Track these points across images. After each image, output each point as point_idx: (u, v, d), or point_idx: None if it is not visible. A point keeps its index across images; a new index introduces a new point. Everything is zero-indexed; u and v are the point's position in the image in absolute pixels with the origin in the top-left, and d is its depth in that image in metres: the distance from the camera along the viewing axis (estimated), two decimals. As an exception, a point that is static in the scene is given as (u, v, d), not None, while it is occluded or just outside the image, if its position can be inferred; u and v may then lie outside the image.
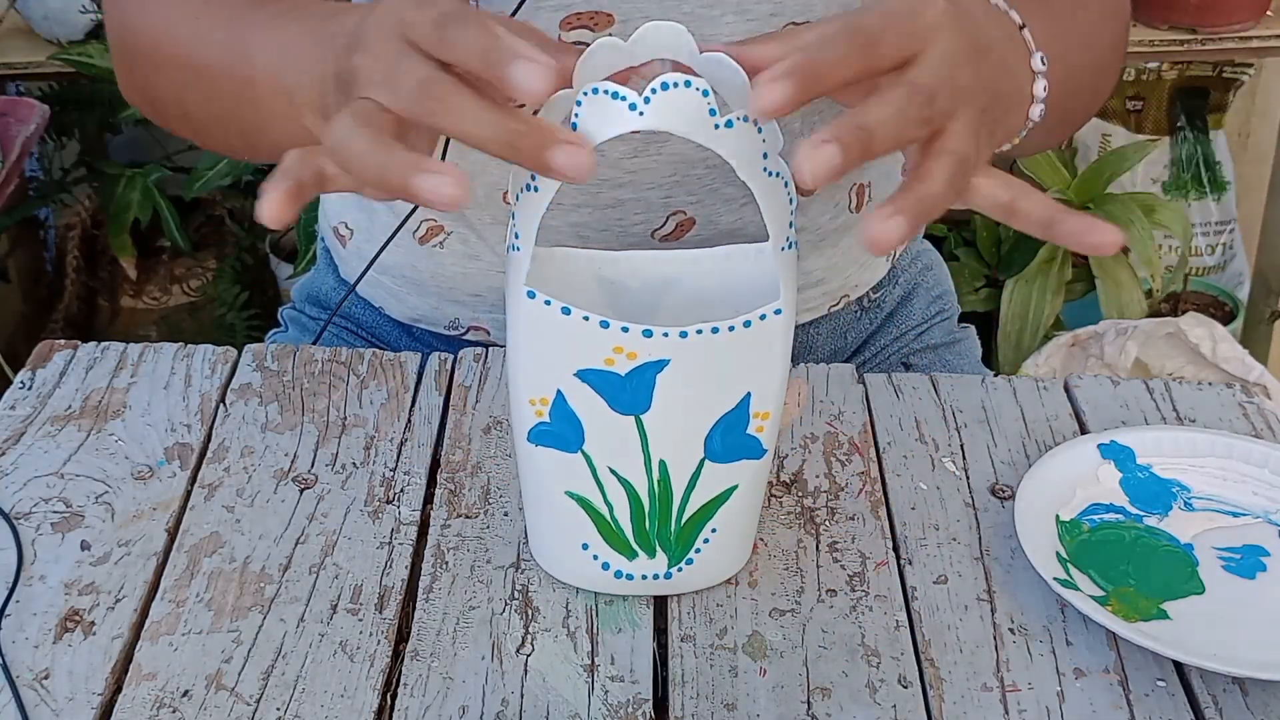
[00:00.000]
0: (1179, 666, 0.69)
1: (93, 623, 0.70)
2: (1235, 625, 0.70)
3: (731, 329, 0.65)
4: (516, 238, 0.65)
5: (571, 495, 0.69)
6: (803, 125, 0.87)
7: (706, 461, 0.68)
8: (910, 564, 0.75)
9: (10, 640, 0.69)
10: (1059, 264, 2.04)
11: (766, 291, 0.66)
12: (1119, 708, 0.67)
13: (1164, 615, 0.71)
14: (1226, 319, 2.15)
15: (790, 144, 0.61)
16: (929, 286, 1.08)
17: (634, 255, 0.73)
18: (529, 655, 0.69)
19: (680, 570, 0.71)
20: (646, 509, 0.69)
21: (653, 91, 0.60)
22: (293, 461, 0.81)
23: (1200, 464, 0.80)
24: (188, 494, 0.78)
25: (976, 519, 0.78)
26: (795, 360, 0.94)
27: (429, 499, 0.79)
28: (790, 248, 0.66)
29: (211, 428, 0.83)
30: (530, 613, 0.71)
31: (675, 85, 0.60)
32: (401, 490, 0.79)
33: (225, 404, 0.85)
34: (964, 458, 0.82)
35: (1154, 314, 2.06)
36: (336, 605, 0.71)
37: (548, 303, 0.64)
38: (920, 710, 0.67)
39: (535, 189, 0.64)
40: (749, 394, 0.67)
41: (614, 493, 0.69)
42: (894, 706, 0.67)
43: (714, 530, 0.70)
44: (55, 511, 0.77)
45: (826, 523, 0.77)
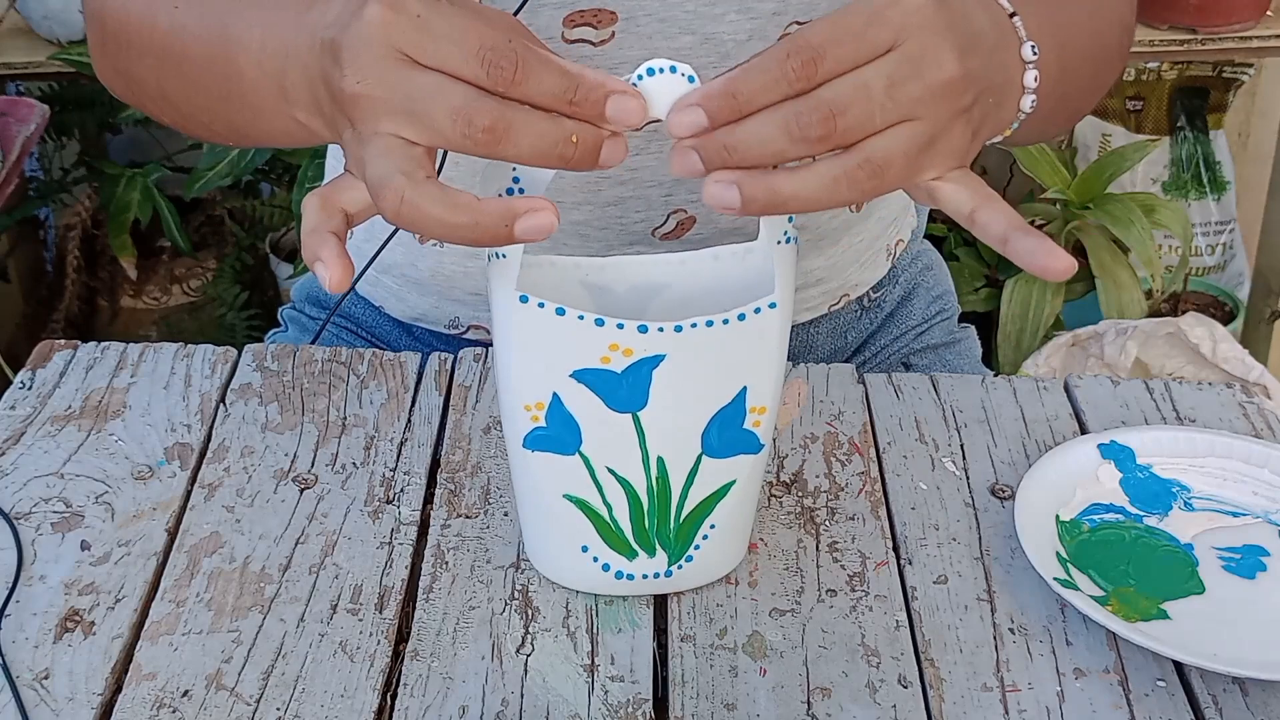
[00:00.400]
0: (1179, 666, 0.69)
1: (93, 623, 0.70)
2: (1235, 625, 0.70)
3: (726, 322, 0.65)
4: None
5: (570, 498, 0.69)
6: None
7: (704, 457, 0.68)
8: (910, 564, 0.75)
9: (10, 640, 0.69)
10: (1059, 264, 2.04)
11: (755, 291, 0.66)
12: (1119, 708, 0.67)
13: (1164, 615, 0.71)
14: (1226, 319, 2.15)
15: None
16: (929, 286, 1.08)
17: (620, 260, 0.72)
18: (529, 655, 0.69)
19: (680, 568, 0.71)
20: (645, 507, 0.69)
21: (639, 77, 0.60)
22: (293, 461, 0.81)
23: (1200, 464, 0.80)
24: (188, 494, 0.78)
25: (976, 519, 0.78)
26: (795, 359, 0.94)
27: (429, 499, 0.79)
28: (788, 241, 0.66)
29: (211, 428, 0.83)
30: (530, 613, 0.71)
31: (661, 71, 0.60)
32: (401, 490, 0.79)
33: (225, 404, 0.85)
34: (964, 457, 0.82)
35: (1154, 314, 2.06)
36: (336, 605, 0.71)
37: (541, 305, 0.64)
38: (920, 710, 0.67)
39: (520, 190, 0.63)
40: (745, 388, 0.67)
41: (613, 493, 0.69)
42: (894, 706, 0.67)
43: (713, 526, 0.70)
44: (55, 511, 0.77)
45: (826, 523, 0.77)
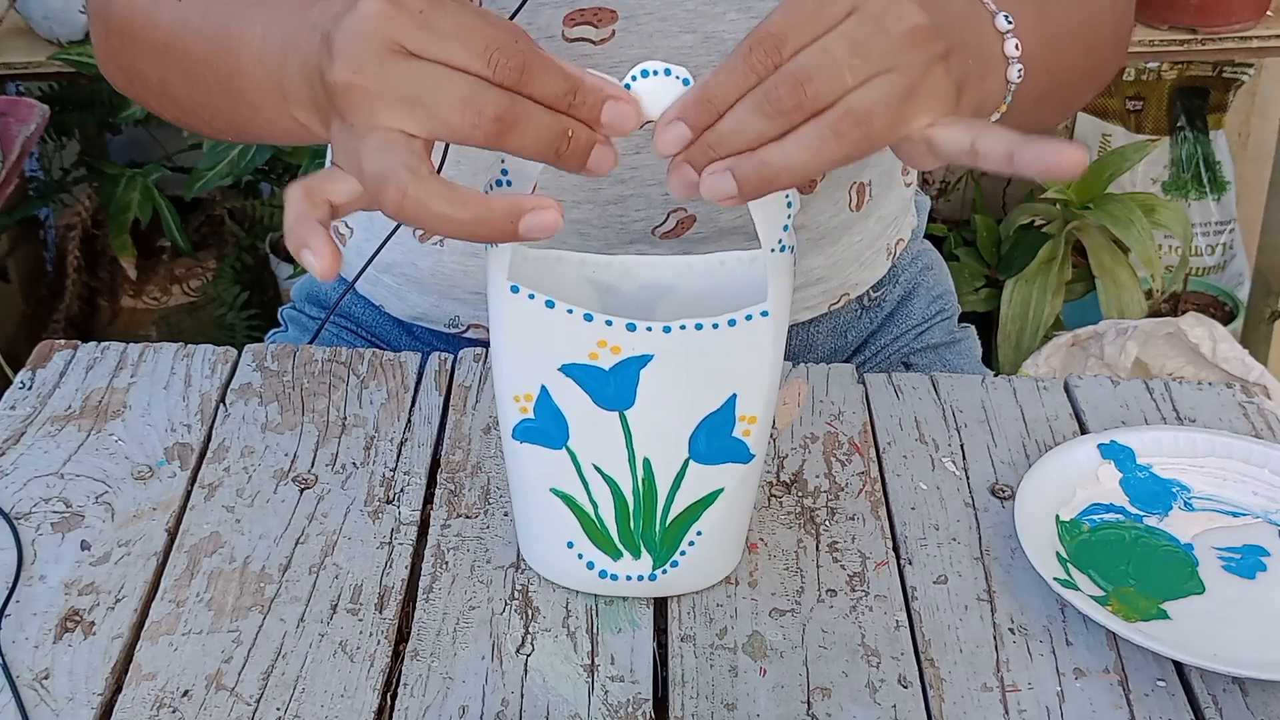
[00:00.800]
0: (1179, 666, 0.69)
1: (93, 623, 0.70)
2: (1235, 625, 0.70)
3: (716, 326, 0.64)
4: None
5: (556, 493, 0.69)
6: None
7: (691, 462, 0.68)
8: (910, 564, 0.75)
9: (10, 640, 0.69)
10: (1059, 264, 2.04)
11: (760, 298, 0.66)
12: (1119, 708, 0.67)
13: (1164, 615, 0.71)
14: (1226, 319, 2.15)
15: None
16: (929, 286, 1.08)
17: (627, 259, 0.72)
18: (529, 655, 0.69)
19: (665, 573, 0.71)
20: (631, 508, 0.69)
21: (632, 79, 0.60)
22: (293, 461, 0.81)
23: (1200, 464, 0.80)
24: (188, 494, 0.78)
25: (976, 519, 0.78)
26: (795, 359, 0.94)
27: (429, 499, 0.79)
28: (784, 250, 0.66)
29: (211, 428, 0.83)
30: (530, 613, 0.71)
31: (655, 73, 0.60)
32: (401, 490, 0.79)
33: (225, 404, 0.85)
34: (964, 458, 0.82)
35: (1154, 314, 2.06)
36: (336, 605, 0.71)
37: (531, 297, 0.64)
38: (920, 710, 0.67)
39: (509, 184, 0.63)
40: (734, 395, 0.66)
41: (598, 490, 0.69)
42: (894, 706, 0.67)
43: (699, 533, 0.70)
44: (55, 511, 0.77)
45: (826, 523, 0.77)
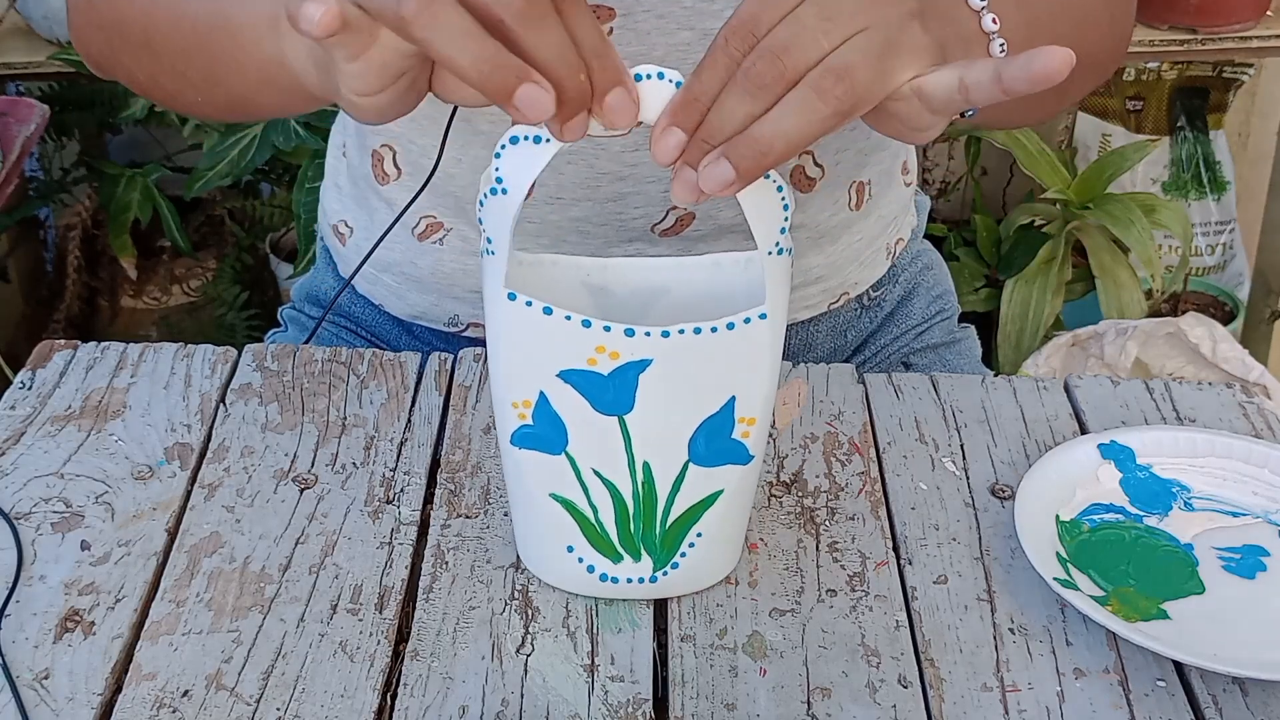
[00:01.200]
0: (1179, 666, 0.69)
1: (93, 623, 0.70)
2: (1235, 625, 0.70)
3: (714, 330, 0.65)
4: (490, 242, 0.65)
5: (556, 498, 0.69)
6: None
7: (691, 464, 0.68)
8: (910, 564, 0.75)
9: (10, 640, 0.69)
10: (1059, 264, 2.04)
11: (756, 300, 0.66)
12: (1119, 708, 0.67)
13: (1164, 615, 0.71)
14: (1226, 319, 2.15)
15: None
16: (929, 286, 1.08)
17: (622, 262, 0.72)
18: (529, 655, 0.69)
19: (665, 574, 0.71)
20: (631, 511, 0.69)
21: None
22: (293, 461, 0.81)
23: (1200, 464, 0.80)
24: (188, 494, 0.78)
25: (976, 519, 0.78)
26: (795, 358, 0.94)
27: (429, 499, 0.79)
28: (782, 253, 0.66)
29: (211, 428, 0.83)
30: (530, 613, 0.71)
31: (648, 77, 0.60)
32: (401, 490, 0.79)
33: (225, 404, 0.85)
34: (964, 458, 0.82)
35: (1154, 314, 2.06)
36: (336, 605, 0.71)
37: (529, 304, 0.64)
38: (920, 710, 0.67)
39: (504, 191, 0.63)
40: (733, 398, 0.67)
41: (598, 495, 0.69)
42: (894, 706, 0.67)
43: (699, 535, 0.70)
44: (55, 511, 0.77)
45: (826, 523, 0.77)
